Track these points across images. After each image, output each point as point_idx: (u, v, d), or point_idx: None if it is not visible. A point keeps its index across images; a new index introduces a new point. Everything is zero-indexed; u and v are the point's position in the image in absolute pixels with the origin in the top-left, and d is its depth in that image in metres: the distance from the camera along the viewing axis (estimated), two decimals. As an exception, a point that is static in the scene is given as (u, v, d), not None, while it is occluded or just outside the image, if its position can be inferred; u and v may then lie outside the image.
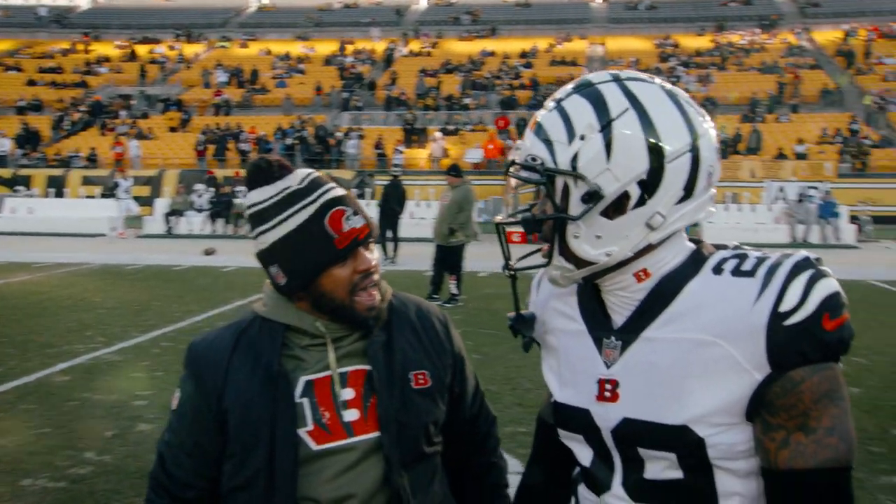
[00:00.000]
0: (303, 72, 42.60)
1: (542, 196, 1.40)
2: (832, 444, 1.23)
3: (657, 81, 1.37)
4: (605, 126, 1.30)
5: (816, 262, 1.27)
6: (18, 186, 29.86)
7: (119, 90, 41.35)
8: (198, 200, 25.11)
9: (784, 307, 1.22)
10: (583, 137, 1.30)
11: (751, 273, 1.27)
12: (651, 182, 1.29)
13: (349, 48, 45.64)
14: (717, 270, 1.31)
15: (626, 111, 1.30)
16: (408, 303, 1.79)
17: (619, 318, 1.39)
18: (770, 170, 28.52)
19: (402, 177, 17.32)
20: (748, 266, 1.28)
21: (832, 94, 35.39)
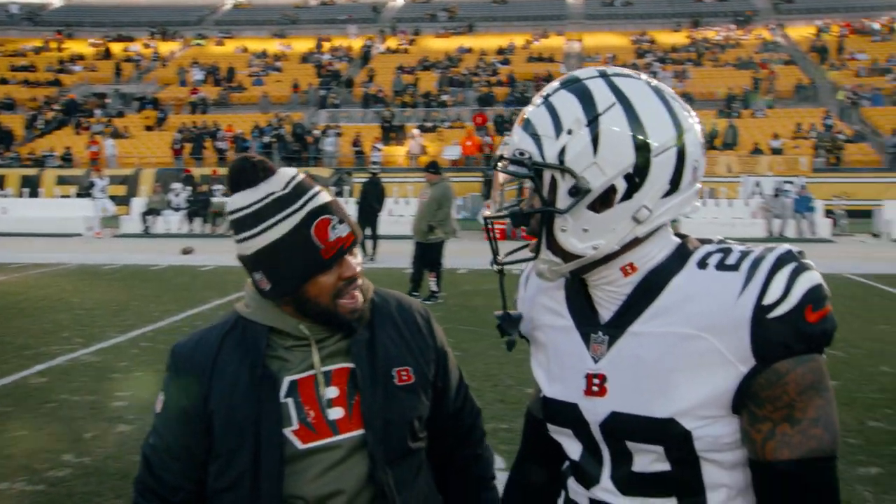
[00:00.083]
0: (280, 69, 42.44)
1: (529, 191, 1.40)
2: (817, 435, 1.25)
3: (643, 77, 1.38)
4: (592, 121, 1.31)
5: (799, 255, 1.29)
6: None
7: (93, 88, 41.02)
8: (175, 199, 24.96)
9: (768, 300, 1.24)
10: (570, 132, 1.31)
11: (735, 267, 1.28)
12: (637, 176, 1.30)
13: (326, 45, 45.52)
14: (702, 265, 1.32)
15: (613, 106, 1.31)
16: (389, 299, 1.79)
17: (606, 313, 1.40)
18: (746, 165, 28.77)
19: (381, 174, 17.29)
20: (732, 260, 1.30)
21: (806, 90, 35.74)
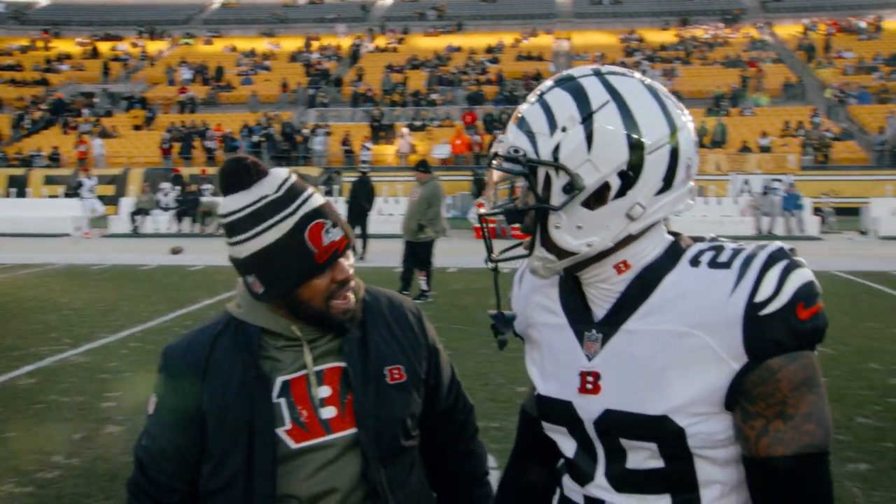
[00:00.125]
0: (268, 68, 42.34)
1: (523, 188, 1.41)
2: (810, 431, 1.26)
3: (637, 75, 1.39)
4: (587, 118, 1.31)
5: (791, 253, 1.30)
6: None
7: (81, 88, 40.85)
8: (164, 199, 24.88)
9: (759, 297, 1.24)
10: (564, 129, 1.32)
11: (727, 265, 1.29)
12: (631, 173, 1.31)
13: (315, 44, 45.44)
14: (695, 262, 1.33)
15: (607, 104, 1.32)
16: (380, 297, 1.80)
17: (600, 311, 1.40)
18: (735, 163, 28.89)
19: (370, 173, 17.26)
20: (724, 258, 1.31)
21: (794, 88, 35.88)
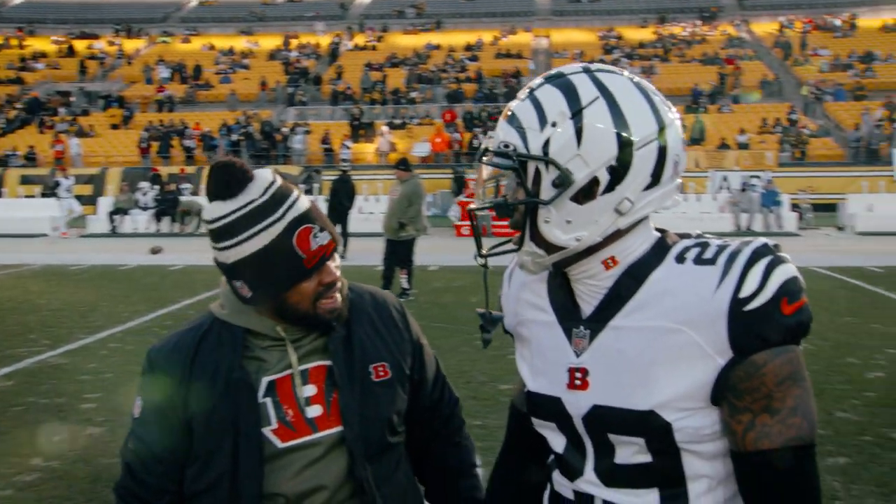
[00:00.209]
0: (247, 67, 42.10)
1: (508, 184, 1.43)
2: (796, 424, 1.28)
3: (625, 73, 1.41)
4: (576, 114, 1.33)
5: (775, 249, 1.31)
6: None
7: (57, 86, 40.46)
8: (142, 198, 24.72)
9: (744, 293, 1.26)
10: (554, 124, 1.33)
11: (712, 261, 1.30)
12: (620, 168, 1.32)
13: (293, 42, 45.22)
14: (680, 259, 1.34)
15: (596, 100, 1.34)
16: (363, 294, 1.80)
17: (588, 308, 1.41)
18: (714, 159, 29.03)
19: (350, 171, 17.22)
20: (709, 254, 1.32)
21: (771, 85, 36.14)
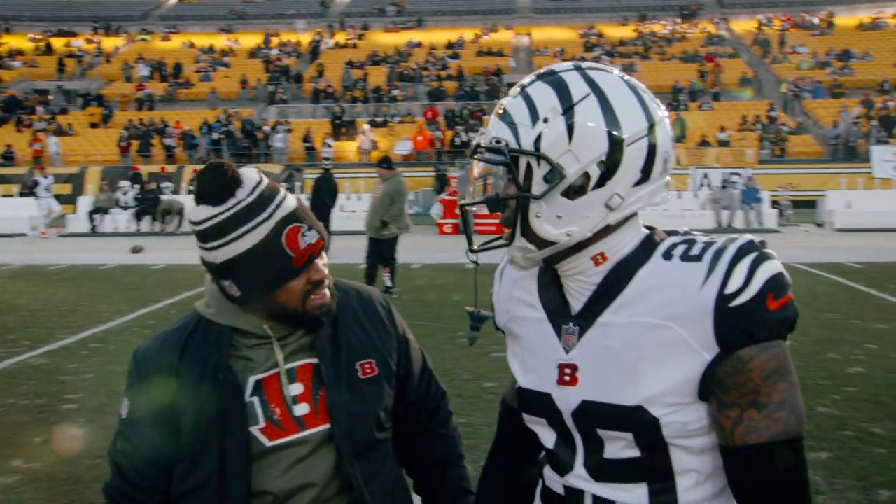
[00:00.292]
0: (227, 65, 41.87)
1: (505, 180, 1.43)
2: (783, 418, 1.30)
3: (616, 71, 1.42)
4: (568, 110, 1.34)
5: (761, 245, 1.33)
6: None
7: (35, 85, 40.07)
8: (123, 198, 24.61)
9: (729, 289, 1.27)
10: (546, 120, 1.35)
11: (698, 258, 1.32)
12: (610, 164, 1.34)
13: (274, 40, 45.02)
14: (667, 256, 1.36)
15: (588, 96, 1.35)
16: (349, 291, 1.79)
17: (577, 304, 1.43)
18: (694, 157, 29.16)
19: (332, 170, 17.17)
20: (696, 251, 1.33)
21: (751, 83, 36.35)
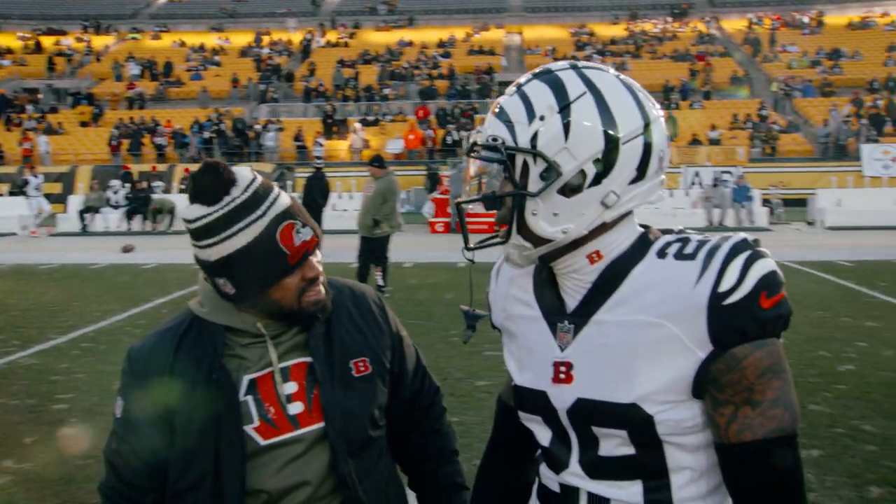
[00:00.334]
0: (218, 64, 41.79)
1: (501, 178, 1.44)
2: (777, 415, 1.30)
3: (611, 70, 1.43)
4: (564, 108, 1.35)
5: (754, 244, 1.33)
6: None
7: (24, 83, 39.94)
8: (114, 197, 24.52)
9: (723, 287, 1.28)
10: (542, 118, 1.35)
11: (692, 256, 1.32)
12: (606, 162, 1.34)
13: (265, 39, 44.95)
14: (661, 254, 1.36)
15: (584, 95, 1.36)
16: (342, 289, 1.79)
17: (572, 302, 1.43)
18: (686, 155, 29.24)
19: (324, 168, 17.15)
20: (690, 249, 1.34)
21: (741, 81, 36.46)
